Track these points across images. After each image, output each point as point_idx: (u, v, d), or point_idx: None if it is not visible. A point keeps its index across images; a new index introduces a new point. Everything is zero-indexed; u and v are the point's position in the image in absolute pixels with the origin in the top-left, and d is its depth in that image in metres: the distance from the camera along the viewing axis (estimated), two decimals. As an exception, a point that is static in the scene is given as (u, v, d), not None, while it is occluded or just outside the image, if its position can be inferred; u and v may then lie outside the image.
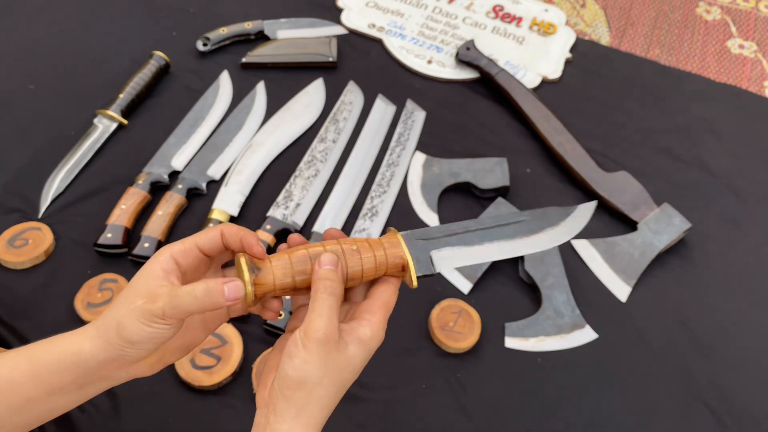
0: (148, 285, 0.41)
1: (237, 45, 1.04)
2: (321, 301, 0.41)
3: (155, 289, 0.41)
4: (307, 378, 0.40)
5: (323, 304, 0.41)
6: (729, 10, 1.17)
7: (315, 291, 0.42)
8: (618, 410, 0.71)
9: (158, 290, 0.41)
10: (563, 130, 0.93)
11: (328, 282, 0.42)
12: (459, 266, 0.44)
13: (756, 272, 0.83)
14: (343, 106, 0.97)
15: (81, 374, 0.42)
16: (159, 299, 0.40)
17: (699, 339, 0.77)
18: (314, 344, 0.40)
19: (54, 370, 0.42)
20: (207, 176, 0.87)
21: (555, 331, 0.76)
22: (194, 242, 0.43)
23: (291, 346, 0.41)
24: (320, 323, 0.41)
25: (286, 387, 0.41)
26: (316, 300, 0.42)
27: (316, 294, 0.42)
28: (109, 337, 0.41)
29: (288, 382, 0.41)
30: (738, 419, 0.71)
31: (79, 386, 0.43)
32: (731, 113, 1.00)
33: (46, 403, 0.43)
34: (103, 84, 0.95)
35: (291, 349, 0.41)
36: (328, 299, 0.42)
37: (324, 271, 0.43)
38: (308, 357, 0.40)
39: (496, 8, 1.13)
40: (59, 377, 0.42)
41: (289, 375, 0.41)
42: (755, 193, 0.91)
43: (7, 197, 0.83)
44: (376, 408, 0.69)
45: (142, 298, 0.40)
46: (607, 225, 0.86)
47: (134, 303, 0.41)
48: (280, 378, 0.41)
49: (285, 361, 0.41)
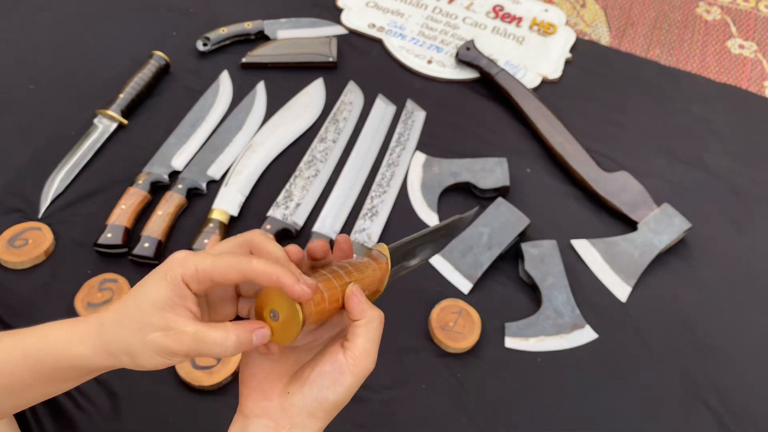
0: (163, 314, 0.37)
1: (237, 45, 1.04)
2: (374, 331, 0.40)
3: (175, 324, 0.37)
4: (345, 401, 0.40)
5: (375, 334, 0.40)
6: (729, 10, 1.17)
7: (370, 321, 0.40)
8: (618, 410, 0.71)
9: (181, 327, 0.37)
10: (563, 130, 0.93)
11: (380, 315, 0.41)
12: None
13: (756, 272, 0.83)
14: (343, 106, 0.97)
15: (81, 374, 0.42)
16: (184, 341, 0.37)
17: (699, 339, 0.77)
18: (363, 375, 0.39)
19: (52, 367, 0.41)
20: (207, 176, 0.87)
21: (555, 331, 0.76)
22: (210, 271, 0.37)
23: (338, 374, 0.39)
24: (373, 355, 0.40)
25: (321, 409, 0.39)
26: (369, 330, 0.40)
27: (371, 324, 0.40)
28: (117, 356, 0.39)
29: (325, 405, 0.39)
30: (738, 419, 0.71)
31: (78, 379, 0.43)
32: (731, 113, 1.00)
33: (42, 389, 0.43)
34: (103, 84, 0.95)
35: (338, 377, 0.39)
36: (379, 330, 0.40)
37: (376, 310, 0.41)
38: (354, 384, 0.39)
39: (496, 8, 1.13)
40: (58, 373, 0.41)
41: (330, 400, 0.39)
42: (755, 193, 0.91)
43: (7, 197, 0.83)
44: (376, 408, 0.69)
45: (158, 328, 0.37)
46: (607, 225, 0.86)
47: (148, 332, 0.37)
48: (314, 399, 0.39)
49: (328, 385, 0.39)
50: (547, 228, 0.85)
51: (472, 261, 0.80)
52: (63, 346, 0.40)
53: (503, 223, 0.82)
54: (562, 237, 0.84)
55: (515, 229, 0.81)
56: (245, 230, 0.42)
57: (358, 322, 0.40)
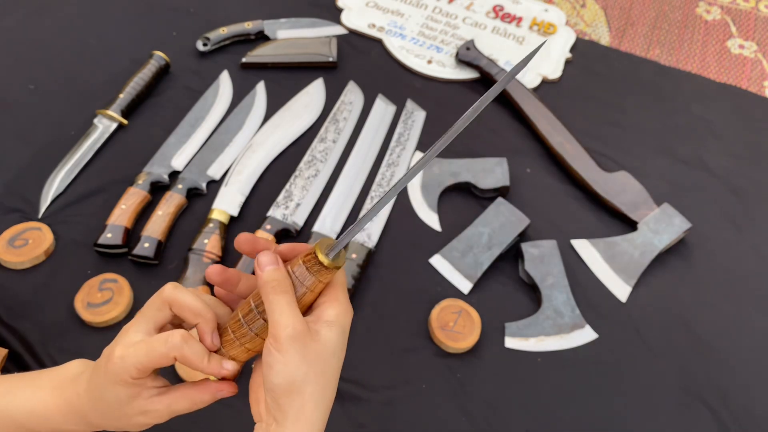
0: (134, 404, 0.44)
1: (237, 45, 1.04)
2: (276, 302, 0.40)
3: (149, 406, 0.44)
4: (292, 379, 0.40)
5: (280, 304, 0.40)
6: (729, 10, 1.17)
7: (266, 295, 0.41)
8: (618, 410, 0.71)
9: (155, 407, 0.44)
10: (563, 130, 0.93)
11: (275, 282, 0.41)
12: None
13: (756, 272, 0.83)
14: (343, 106, 0.97)
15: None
16: (162, 414, 0.45)
17: (699, 339, 0.77)
18: (286, 343, 0.40)
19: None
20: (207, 176, 0.87)
21: (555, 331, 0.76)
22: (147, 363, 0.42)
23: (266, 356, 0.41)
24: (284, 320, 0.40)
25: (278, 396, 0.40)
26: (271, 302, 0.41)
27: (268, 297, 0.41)
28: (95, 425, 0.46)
29: (277, 391, 0.40)
30: (738, 419, 0.71)
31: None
32: (731, 113, 1.00)
33: None
34: (103, 84, 0.95)
35: (268, 360, 0.40)
36: (282, 298, 0.41)
37: (267, 273, 0.41)
38: (285, 358, 0.40)
39: (496, 8, 1.13)
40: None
41: (275, 383, 0.40)
42: (755, 193, 0.91)
43: (7, 197, 0.83)
44: (376, 408, 0.69)
45: (136, 414, 0.44)
46: (607, 225, 0.86)
47: (130, 419, 0.44)
48: (268, 390, 0.41)
49: (267, 372, 0.40)
50: (547, 228, 0.85)
51: (472, 261, 0.80)
52: (45, 420, 0.46)
53: (503, 223, 0.82)
54: (562, 237, 0.84)
55: (515, 229, 0.81)
56: (245, 230, 0.43)
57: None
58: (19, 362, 0.70)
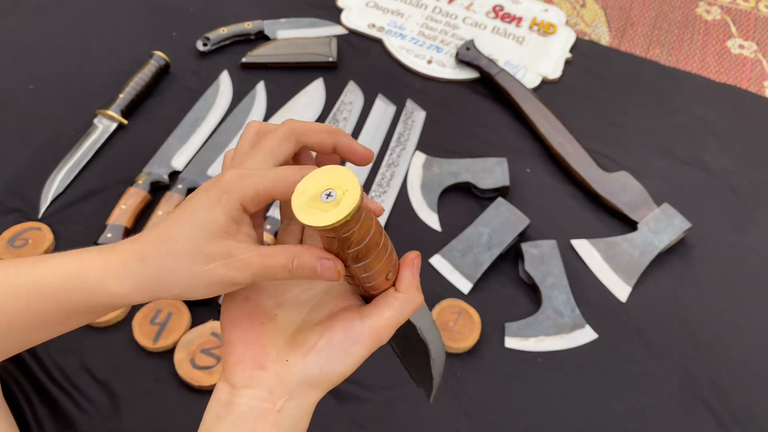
0: (221, 242, 0.34)
1: (237, 45, 1.04)
2: (405, 312, 0.36)
3: (237, 251, 0.34)
4: (351, 372, 0.36)
5: (405, 315, 0.36)
6: (729, 10, 1.17)
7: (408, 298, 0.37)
8: (618, 410, 0.71)
9: (245, 254, 0.34)
10: (563, 130, 0.93)
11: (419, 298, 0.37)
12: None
13: (756, 272, 0.83)
14: (343, 106, 0.97)
15: (113, 309, 0.38)
16: (249, 267, 0.34)
17: (699, 339, 0.77)
18: (377, 346, 0.36)
19: (83, 305, 0.37)
20: (207, 176, 0.87)
21: (555, 331, 0.76)
22: (272, 191, 0.34)
23: (347, 341, 0.35)
24: (392, 331, 0.36)
25: (326, 381, 0.36)
26: (402, 307, 0.36)
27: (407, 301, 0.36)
28: (163, 292, 0.35)
29: (331, 377, 0.36)
30: (738, 419, 0.71)
31: (108, 312, 0.39)
32: (731, 113, 1.00)
33: (67, 325, 0.39)
34: (103, 84, 0.95)
35: (347, 346, 0.35)
36: (409, 307, 0.37)
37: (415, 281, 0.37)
38: (365, 356, 0.36)
39: (496, 8, 1.13)
40: (88, 310, 0.37)
41: (337, 371, 0.36)
42: (755, 193, 0.91)
43: (7, 197, 0.83)
44: (376, 408, 0.69)
45: (217, 258, 0.34)
46: (607, 225, 0.86)
47: (206, 263, 0.34)
48: (319, 370, 0.35)
49: (334, 355, 0.35)
50: (547, 228, 0.85)
51: (472, 261, 0.80)
52: (96, 286, 0.36)
53: (503, 223, 0.82)
54: (562, 237, 0.84)
55: (515, 229, 0.81)
56: None
57: (396, 294, 0.37)
58: (19, 362, 0.70)
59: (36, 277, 0.37)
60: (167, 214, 0.35)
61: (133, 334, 0.71)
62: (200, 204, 0.34)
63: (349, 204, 0.31)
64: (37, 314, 0.37)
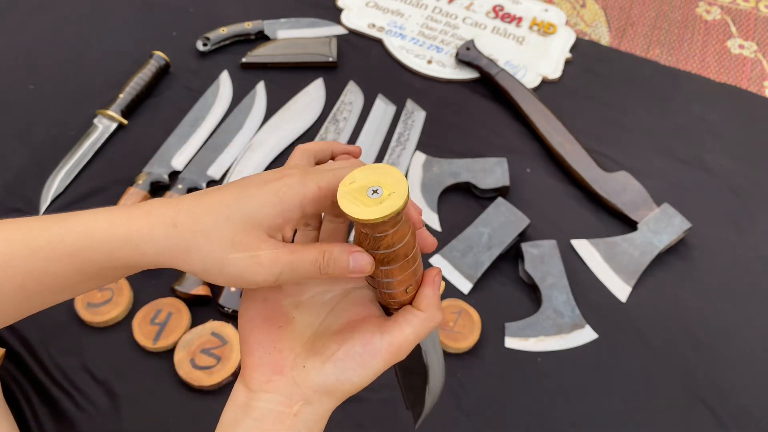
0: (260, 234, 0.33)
1: (237, 45, 1.04)
2: (424, 329, 0.36)
3: (269, 246, 0.33)
4: (367, 384, 0.36)
5: (424, 333, 0.36)
6: (729, 10, 1.17)
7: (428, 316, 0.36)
8: (618, 410, 0.71)
9: (275, 249, 0.33)
10: (563, 130, 0.93)
11: (439, 316, 0.37)
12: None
13: (756, 272, 0.83)
14: (343, 106, 0.97)
15: (135, 270, 0.37)
16: (278, 263, 0.33)
17: (699, 339, 0.77)
18: (394, 361, 0.36)
19: (103, 267, 0.36)
20: (207, 176, 0.87)
21: (555, 331, 0.76)
22: (333, 189, 0.33)
23: (367, 355, 0.36)
24: (411, 348, 0.36)
25: (341, 390, 0.36)
26: (422, 324, 0.36)
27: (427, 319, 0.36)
28: (178, 260, 0.34)
29: (347, 386, 0.36)
30: (738, 419, 0.71)
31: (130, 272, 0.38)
32: (731, 113, 1.00)
33: (87, 286, 0.38)
34: (103, 84, 0.95)
35: (366, 359, 0.36)
36: (429, 330, 0.37)
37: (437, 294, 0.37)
38: (382, 370, 0.36)
39: (496, 8, 1.13)
40: (109, 272, 0.36)
41: (353, 382, 0.36)
42: (755, 193, 0.91)
43: (7, 197, 0.83)
44: (376, 408, 0.69)
45: (248, 248, 0.33)
46: (607, 225, 0.86)
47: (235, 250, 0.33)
48: (336, 380, 0.36)
49: (351, 366, 0.36)
50: (547, 228, 0.85)
51: (472, 261, 0.80)
52: (118, 247, 0.35)
53: (503, 223, 0.82)
54: (562, 237, 0.84)
55: (515, 229, 0.81)
56: None
57: (416, 312, 0.37)
58: (19, 362, 0.70)
59: (53, 239, 0.35)
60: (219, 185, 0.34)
61: (133, 334, 0.72)
62: (256, 192, 0.33)
63: (393, 205, 0.31)
64: (54, 277, 0.36)
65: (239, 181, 0.35)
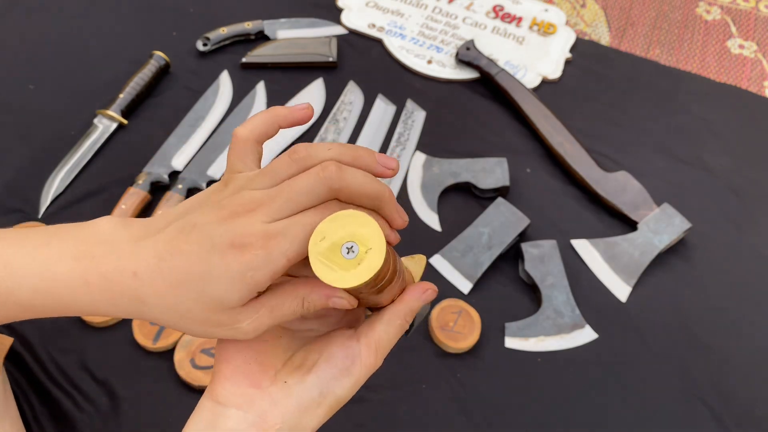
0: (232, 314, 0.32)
1: (237, 45, 1.04)
2: (397, 328, 0.36)
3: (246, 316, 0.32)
4: (348, 398, 0.35)
5: (398, 332, 0.36)
6: (729, 10, 1.17)
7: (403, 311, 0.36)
8: (618, 410, 0.71)
9: (252, 317, 0.32)
10: (563, 130, 0.93)
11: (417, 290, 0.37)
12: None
13: (756, 272, 0.83)
14: (343, 106, 0.97)
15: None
16: (261, 327, 0.33)
17: (699, 339, 0.77)
18: (372, 368, 0.35)
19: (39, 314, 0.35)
20: (207, 176, 0.87)
21: (555, 331, 0.76)
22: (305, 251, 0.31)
23: (347, 360, 0.35)
24: (386, 352, 0.36)
25: (324, 405, 0.35)
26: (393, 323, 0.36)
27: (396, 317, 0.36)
28: (141, 316, 0.34)
29: (329, 400, 0.35)
30: (738, 419, 0.71)
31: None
32: (731, 113, 1.00)
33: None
34: (103, 84, 0.95)
35: (347, 365, 0.35)
36: (402, 328, 0.36)
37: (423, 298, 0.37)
38: (362, 379, 0.35)
39: (496, 8, 1.13)
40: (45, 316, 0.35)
41: (336, 394, 0.35)
42: (755, 193, 0.91)
43: (7, 197, 0.83)
44: (376, 408, 0.69)
45: (224, 325, 0.32)
46: (607, 225, 0.86)
47: (210, 327, 0.32)
48: (318, 392, 0.34)
49: (333, 375, 0.34)
50: (547, 228, 0.85)
51: (472, 261, 0.80)
52: (77, 311, 0.34)
53: (503, 223, 0.82)
54: (562, 237, 0.84)
55: (515, 229, 0.81)
56: None
57: (386, 313, 0.36)
58: (19, 362, 0.70)
59: (5, 290, 0.33)
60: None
61: (133, 334, 0.72)
62: (224, 271, 0.30)
63: (372, 267, 0.29)
64: (5, 318, 0.36)
65: (202, 235, 0.31)
